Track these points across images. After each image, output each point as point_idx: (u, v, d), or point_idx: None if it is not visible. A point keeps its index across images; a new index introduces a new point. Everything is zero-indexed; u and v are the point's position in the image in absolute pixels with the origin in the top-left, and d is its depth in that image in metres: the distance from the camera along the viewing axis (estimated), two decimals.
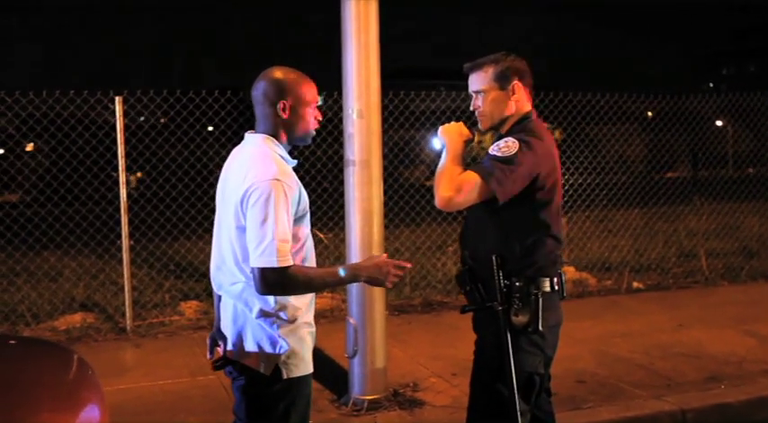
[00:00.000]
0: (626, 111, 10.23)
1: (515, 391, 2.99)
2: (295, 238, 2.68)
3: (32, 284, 7.87)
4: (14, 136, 10.76)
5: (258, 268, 2.53)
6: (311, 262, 2.81)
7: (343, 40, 4.79)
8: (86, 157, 8.33)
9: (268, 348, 2.68)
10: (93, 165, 8.47)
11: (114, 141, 6.54)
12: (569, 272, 8.68)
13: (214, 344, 2.91)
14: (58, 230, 8.27)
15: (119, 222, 6.77)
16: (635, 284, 8.48)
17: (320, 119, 2.85)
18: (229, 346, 2.78)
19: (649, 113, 23.37)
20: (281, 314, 2.67)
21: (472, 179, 2.92)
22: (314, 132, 2.84)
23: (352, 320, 4.97)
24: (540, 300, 3.01)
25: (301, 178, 2.79)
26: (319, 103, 2.83)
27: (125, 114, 6.51)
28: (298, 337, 2.72)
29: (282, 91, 2.70)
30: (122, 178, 6.58)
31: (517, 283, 3.02)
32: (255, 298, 2.65)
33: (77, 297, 7.55)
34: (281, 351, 2.67)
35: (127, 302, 6.66)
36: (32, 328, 6.63)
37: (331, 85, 5.57)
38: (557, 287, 3.11)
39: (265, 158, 2.63)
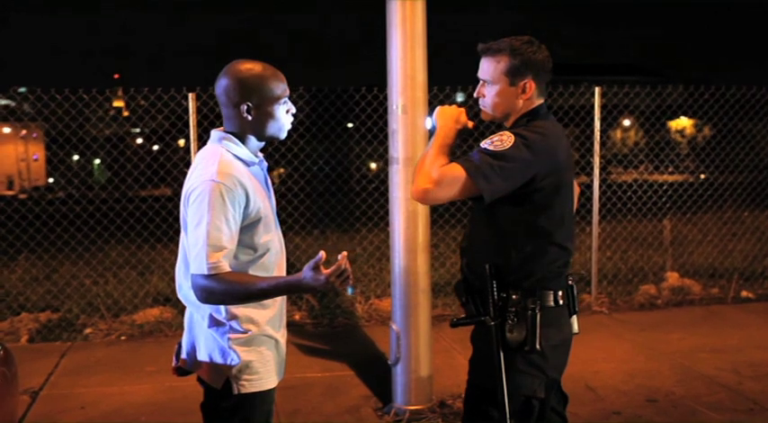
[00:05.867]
0: None
1: (507, 415, 2.67)
2: (251, 246, 2.48)
3: (130, 276, 8.11)
4: (170, 132, 11.02)
5: (192, 275, 2.36)
6: (275, 273, 2.59)
7: (388, 29, 4.54)
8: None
9: (218, 360, 2.49)
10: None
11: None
12: (672, 278, 8.06)
13: (180, 349, 2.76)
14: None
15: None
16: (744, 293, 7.75)
17: (294, 112, 2.63)
18: (183, 355, 2.62)
19: None
20: (233, 324, 2.47)
21: (455, 172, 2.58)
22: (289, 126, 2.63)
23: (394, 326, 4.74)
24: (539, 315, 2.67)
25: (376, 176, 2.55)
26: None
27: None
28: (253, 350, 2.50)
29: (245, 91, 2.47)
30: None
31: (514, 296, 2.69)
32: (206, 305, 2.47)
33: (163, 291, 7.67)
34: (232, 363, 2.47)
35: None
36: (106, 322, 6.76)
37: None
38: (561, 301, 2.76)
39: (211, 158, 2.44)
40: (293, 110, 2.62)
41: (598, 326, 6.79)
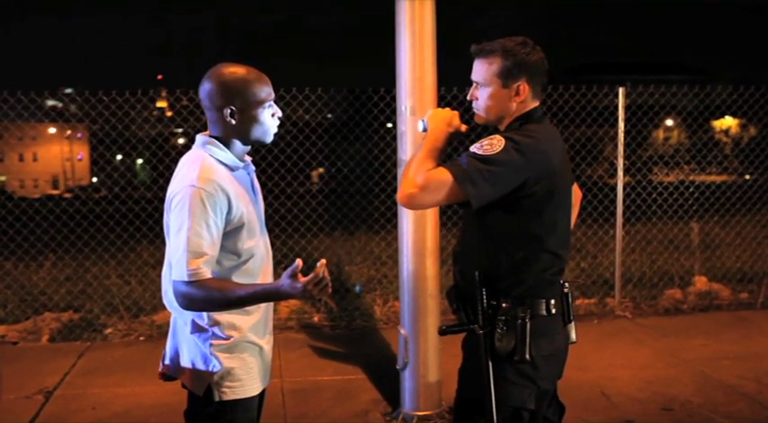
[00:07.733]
0: None
1: None
2: (234, 252, 2.46)
3: (149, 277, 8.15)
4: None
5: (173, 281, 2.34)
6: (260, 279, 2.56)
7: (397, 30, 4.48)
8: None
9: (200, 366, 2.48)
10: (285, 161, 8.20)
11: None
12: (699, 282, 7.88)
13: (165, 355, 2.74)
14: None
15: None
16: None
17: (280, 115, 2.59)
18: (167, 361, 2.61)
19: None
20: (216, 330, 2.46)
21: (442, 177, 2.52)
22: (275, 129, 2.60)
23: (402, 331, 4.68)
24: (529, 324, 2.60)
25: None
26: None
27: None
28: (236, 357, 2.49)
29: (228, 95, 2.44)
30: None
31: (504, 305, 2.63)
32: (189, 311, 2.45)
33: None
34: (214, 370, 2.45)
35: None
36: (125, 322, 6.81)
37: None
38: (554, 310, 2.68)
39: (193, 163, 2.43)
40: (279, 113, 2.59)
41: (620, 331, 6.67)
